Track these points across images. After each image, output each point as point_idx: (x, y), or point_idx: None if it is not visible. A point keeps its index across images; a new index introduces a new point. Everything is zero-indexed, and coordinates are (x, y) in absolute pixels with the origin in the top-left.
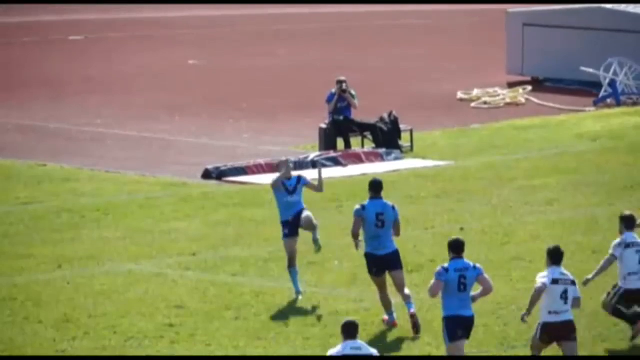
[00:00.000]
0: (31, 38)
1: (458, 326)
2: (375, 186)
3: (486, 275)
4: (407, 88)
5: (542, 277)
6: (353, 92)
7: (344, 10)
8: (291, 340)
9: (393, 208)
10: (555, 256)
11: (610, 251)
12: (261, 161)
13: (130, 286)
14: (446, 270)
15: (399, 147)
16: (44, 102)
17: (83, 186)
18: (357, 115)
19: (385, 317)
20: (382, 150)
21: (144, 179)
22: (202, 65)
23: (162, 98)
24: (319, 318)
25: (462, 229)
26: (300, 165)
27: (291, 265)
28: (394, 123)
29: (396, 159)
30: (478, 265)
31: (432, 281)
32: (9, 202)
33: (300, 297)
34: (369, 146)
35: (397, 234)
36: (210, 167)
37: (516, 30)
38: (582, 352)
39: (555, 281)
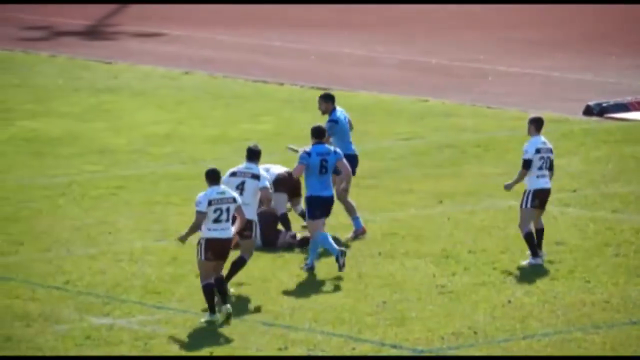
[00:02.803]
0: None
1: (317, 206)
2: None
3: (344, 161)
4: None
5: None
6: None
7: None
8: None
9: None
10: None
11: None
12: None
13: (510, 222)
14: (309, 154)
15: None
16: (422, 37)
17: (464, 122)
18: None
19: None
20: None
21: (525, 115)
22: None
23: (541, 34)
24: None
25: None
26: None
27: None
28: None
29: None
30: (338, 150)
31: (296, 164)
32: (390, 137)
33: None
34: None
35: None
36: (591, 103)
37: None
38: None
39: None
